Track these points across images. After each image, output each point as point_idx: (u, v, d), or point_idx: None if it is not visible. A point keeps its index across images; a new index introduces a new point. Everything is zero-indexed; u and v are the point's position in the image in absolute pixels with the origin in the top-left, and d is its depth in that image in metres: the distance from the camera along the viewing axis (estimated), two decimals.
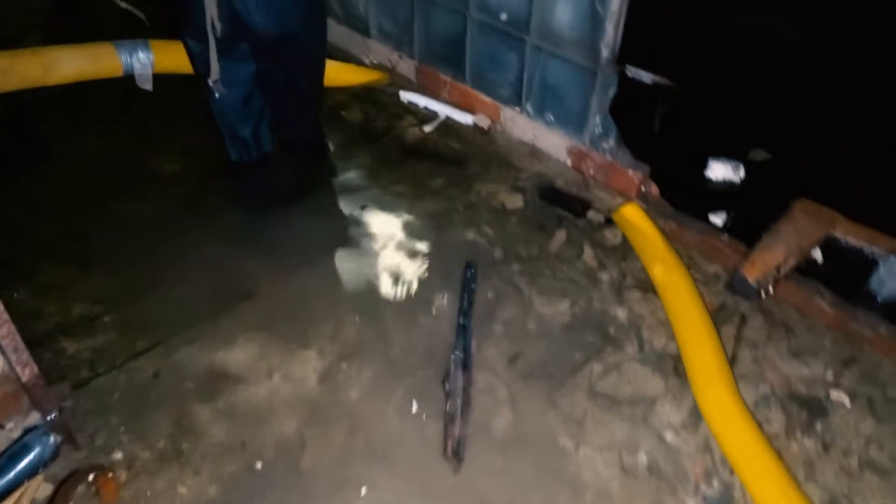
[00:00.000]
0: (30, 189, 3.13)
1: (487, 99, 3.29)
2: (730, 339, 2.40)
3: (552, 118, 3.05)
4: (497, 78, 3.18)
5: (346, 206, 3.08)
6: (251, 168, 3.07)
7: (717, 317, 2.44)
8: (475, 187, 3.09)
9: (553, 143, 3.11)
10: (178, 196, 3.07)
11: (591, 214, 2.87)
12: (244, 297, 2.57)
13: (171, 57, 2.96)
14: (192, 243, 2.86)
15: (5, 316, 1.74)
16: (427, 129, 3.37)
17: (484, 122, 3.36)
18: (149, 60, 2.89)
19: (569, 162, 3.08)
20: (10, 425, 2.02)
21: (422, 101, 3.52)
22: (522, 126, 3.20)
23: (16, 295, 2.57)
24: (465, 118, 3.39)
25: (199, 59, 2.68)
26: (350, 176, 3.28)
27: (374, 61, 3.82)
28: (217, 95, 2.68)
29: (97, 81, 3.02)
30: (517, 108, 3.18)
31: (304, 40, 2.78)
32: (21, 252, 2.80)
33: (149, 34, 3.21)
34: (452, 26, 3.22)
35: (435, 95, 3.53)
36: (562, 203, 2.92)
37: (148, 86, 2.90)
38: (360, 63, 3.88)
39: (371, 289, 2.64)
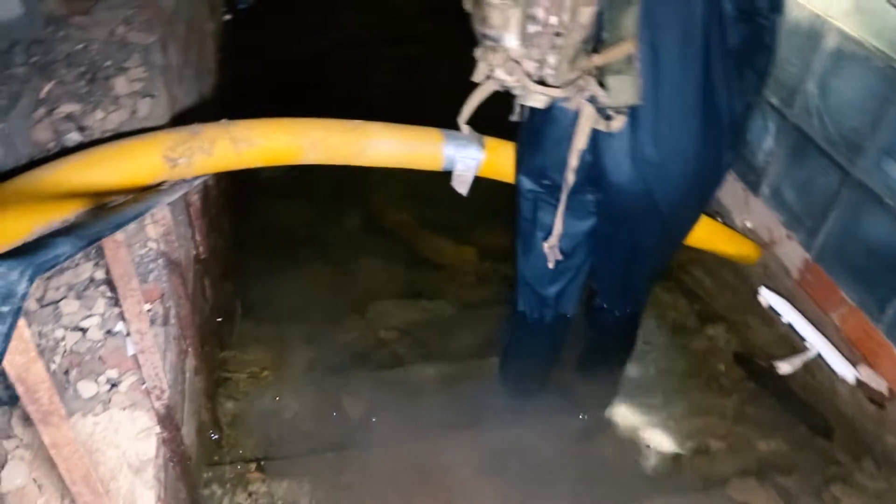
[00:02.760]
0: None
1: None
2: None
3: None
4: None
5: (623, 434, 2.27)
6: (537, 329, 2.38)
7: None
8: (833, 490, 2.04)
9: None
10: (447, 329, 2.55)
11: None
12: None
13: (503, 161, 2.37)
14: (422, 393, 2.34)
15: None
16: (784, 367, 2.35)
17: (880, 386, 2.24)
18: (477, 161, 2.33)
19: None
20: None
21: (790, 314, 2.50)
22: None
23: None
24: (846, 369, 2.30)
25: (528, 202, 2.06)
26: (649, 383, 2.44)
27: (748, 225, 2.86)
28: (550, 264, 2.04)
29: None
30: None
31: (677, 217, 1.99)
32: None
33: None
34: (893, 241, 2.15)
35: (817, 313, 2.48)
36: None
37: (464, 189, 2.36)
38: (727, 217, 2.95)
39: None
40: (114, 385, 1.72)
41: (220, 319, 2.54)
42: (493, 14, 1.51)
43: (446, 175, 2.32)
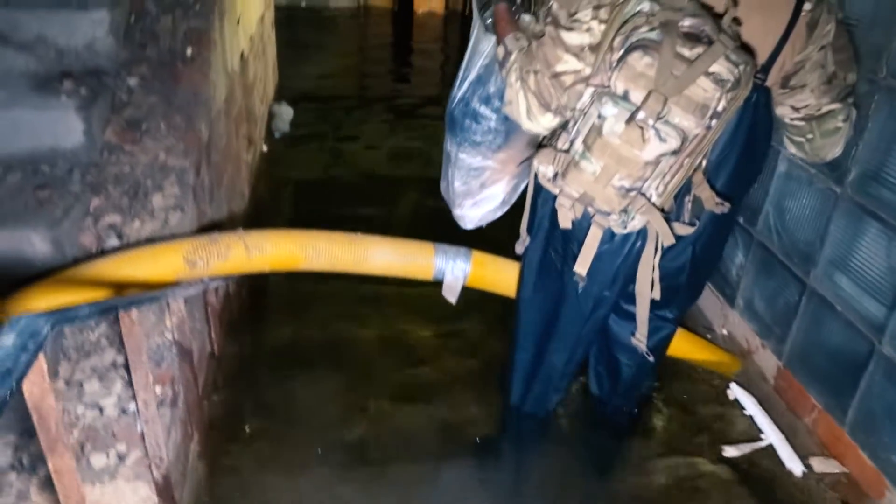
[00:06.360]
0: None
1: (869, 462, 2.25)
2: None
3: None
4: None
5: None
6: (535, 425, 2.55)
7: None
8: None
9: None
10: (443, 430, 2.71)
11: None
12: None
13: (487, 274, 2.64)
14: (417, 491, 2.44)
15: None
16: (730, 451, 2.46)
17: (834, 468, 2.31)
18: (464, 273, 2.60)
19: None
20: None
21: (752, 407, 2.62)
22: None
23: None
24: (793, 462, 2.39)
25: (595, 307, 2.20)
26: (637, 487, 2.51)
27: (726, 332, 3.02)
28: (650, 357, 2.28)
29: None
30: None
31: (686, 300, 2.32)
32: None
33: None
34: (849, 346, 2.30)
35: (792, 419, 2.59)
36: None
37: (453, 298, 2.61)
38: (708, 328, 3.12)
39: None
40: (121, 458, 1.93)
41: (230, 413, 2.74)
42: (645, 169, 1.70)
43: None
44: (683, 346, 2.81)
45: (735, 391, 2.69)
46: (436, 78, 7.64)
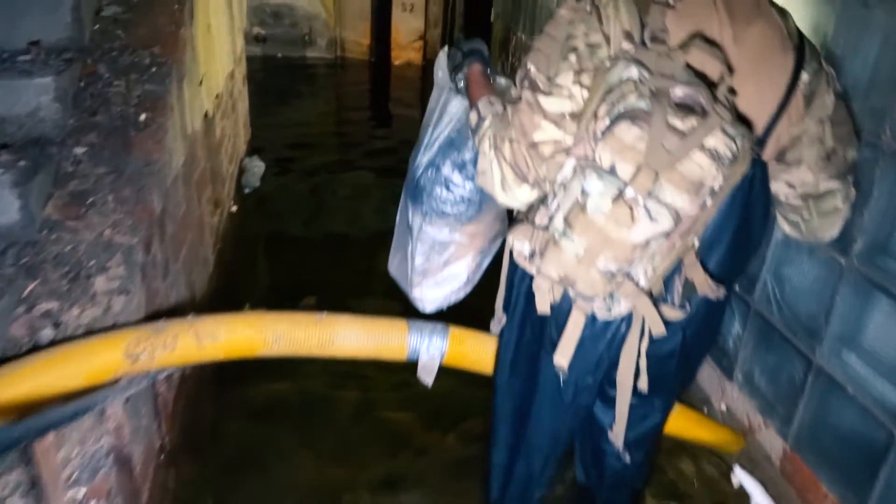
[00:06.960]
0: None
1: None
2: None
3: None
4: None
5: None
6: None
7: None
8: None
9: None
10: None
11: None
12: None
13: (466, 351, 2.42)
14: None
15: None
16: None
17: None
18: (440, 352, 2.37)
19: None
20: None
21: (759, 496, 2.41)
22: None
23: None
24: None
25: (576, 395, 1.95)
26: None
27: (724, 408, 2.81)
28: (626, 458, 2.07)
29: None
30: None
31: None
32: None
33: None
34: (864, 433, 2.10)
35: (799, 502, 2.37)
36: None
37: (429, 379, 2.38)
38: (706, 401, 2.91)
39: None
40: None
41: None
42: (634, 251, 1.48)
43: None
44: (681, 423, 2.58)
45: (739, 476, 2.47)
46: (416, 129, 7.52)
